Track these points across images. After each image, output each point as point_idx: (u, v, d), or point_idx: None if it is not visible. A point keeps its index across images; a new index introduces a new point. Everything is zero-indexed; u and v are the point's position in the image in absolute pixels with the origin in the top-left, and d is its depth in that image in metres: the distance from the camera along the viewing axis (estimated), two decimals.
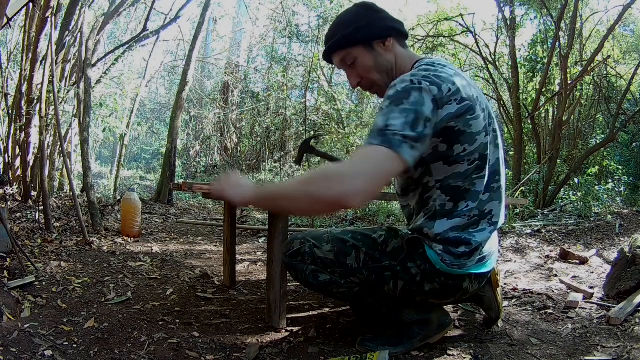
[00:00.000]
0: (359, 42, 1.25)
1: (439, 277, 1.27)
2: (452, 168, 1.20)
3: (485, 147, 1.21)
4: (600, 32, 6.09)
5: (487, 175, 1.24)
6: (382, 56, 1.26)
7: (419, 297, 1.35)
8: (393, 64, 1.27)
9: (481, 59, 5.61)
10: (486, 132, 1.21)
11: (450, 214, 1.24)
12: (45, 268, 2.12)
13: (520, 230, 3.49)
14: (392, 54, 1.27)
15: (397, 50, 1.28)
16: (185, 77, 5.53)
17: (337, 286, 1.36)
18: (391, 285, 1.32)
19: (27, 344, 1.32)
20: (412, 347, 1.42)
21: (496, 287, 1.56)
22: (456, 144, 1.17)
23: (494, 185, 1.27)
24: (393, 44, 1.27)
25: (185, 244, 3.20)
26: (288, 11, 8.15)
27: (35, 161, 3.67)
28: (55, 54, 3.42)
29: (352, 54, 1.27)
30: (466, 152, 1.18)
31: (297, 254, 1.38)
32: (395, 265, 1.30)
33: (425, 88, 1.08)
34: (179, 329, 1.55)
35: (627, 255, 1.97)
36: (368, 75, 1.28)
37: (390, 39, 1.26)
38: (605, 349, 1.45)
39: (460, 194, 1.22)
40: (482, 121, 1.19)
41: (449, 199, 1.23)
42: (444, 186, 1.22)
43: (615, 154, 6.53)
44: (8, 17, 2.32)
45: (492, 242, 1.34)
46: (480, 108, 1.19)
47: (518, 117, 5.07)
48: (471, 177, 1.21)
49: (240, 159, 9.43)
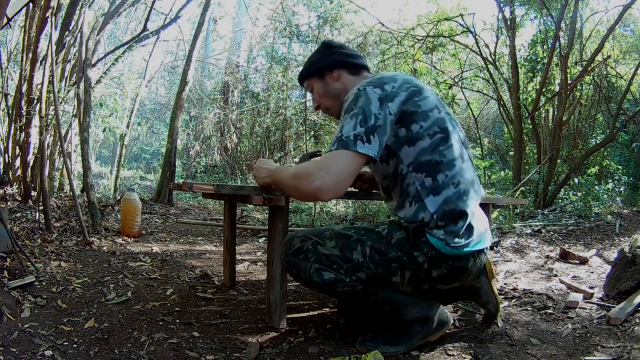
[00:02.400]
0: (313, 74, 1.53)
1: (446, 261, 1.31)
2: (416, 147, 1.31)
3: (443, 121, 1.34)
4: (600, 32, 6.08)
5: (454, 146, 1.34)
6: (330, 85, 1.50)
7: (427, 284, 1.37)
8: (342, 91, 1.48)
9: (481, 59, 5.61)
10: (438, 110, 1.35)
11: (434, 189, 1.30)
12: (45, 268, 2.12)
13: (520, 230, 3.49)
14: (340, 83, 1.50)
15: (346, 79, 1.50)
16: (185, 77, 5.53)
17: (341, 284, 1.35)
18: (398, 276, 1.34)
19: (27, 344, 1.32)
20: (412, 345, 1.43)
21: (491, 277, 1.59)
22: (412, 123, 1.31)
23: (465, 157, 1.38)
24: (341, 74, 1.50)
25: (185, 244, 3.20)
26: (288, 11, 8.15)
27: (35, 161, 3.67)
28: (55, 54, 3.42)
29: (310, 83, 1.55)
30: (424, 128, 1.31)
31: (300, 251, 1.37)
32: (402, 255, 1.33)
33: (369, 91, 1.27)
34: (179, 329, 1.55)
35: (627, 255, 1.97)
36: (322, 101, 1.54)
37: (338, 70, 1.49)
38: (605, 349, 1.45)
39: (434, 167, 1.31)
40: (432, 101, 1.35)
41: (425, 175, 1.31)
42: (415, 166, 1.32)
43: (615, 154, 6.52)
44: (8, 17, 2.32)
45: (483, 219, 1.42)
46: (428, 92, 1.36)
47: (518, 117, 5.07)
48: (438, 148, 1.31)
49: (240, 159, 9.43)
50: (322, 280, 1.35)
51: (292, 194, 1.33)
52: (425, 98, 1.33)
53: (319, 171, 1.19)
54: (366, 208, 4.83)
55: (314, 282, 1.36)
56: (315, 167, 1.21)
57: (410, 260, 1.32)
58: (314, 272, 1.35)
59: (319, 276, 1.35)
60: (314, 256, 1.35)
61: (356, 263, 1.34)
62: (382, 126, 1.24)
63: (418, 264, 1.32)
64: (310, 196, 1.22)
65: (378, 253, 1.34)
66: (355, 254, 1.34)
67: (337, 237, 1.38)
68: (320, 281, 1.35)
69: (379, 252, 1.34)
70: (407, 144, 1.31)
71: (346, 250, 1.35)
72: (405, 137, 1.31)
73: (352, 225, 4.27)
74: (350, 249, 1.35)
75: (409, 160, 1.32)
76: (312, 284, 1.38)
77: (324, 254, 1.35)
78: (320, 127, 8.07)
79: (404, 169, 1.33)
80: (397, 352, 1.41)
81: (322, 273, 1.34)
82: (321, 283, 1.35)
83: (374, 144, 1.22)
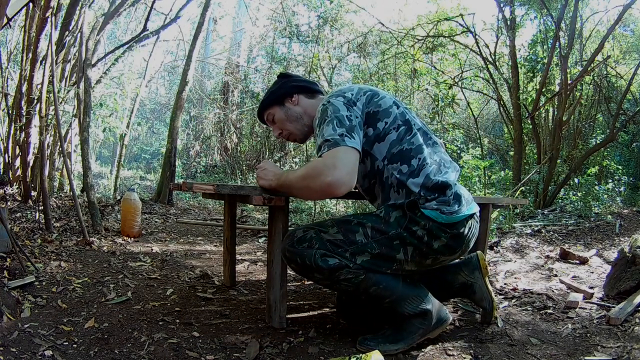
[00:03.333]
0: (273, 102, 1.61)
1: (444, 230, 1.38)
2: (386, 141, 1.43)
3: (403, 115, 1.47)
4: (600, 32, 6.08)
5: (419, 134, 1.46)
6: (291, 109, 1.60)
7: (430, 257, 1.41)
8: (302, 113, 1.60)
9: (481, 59, 5.60)
10: (397, 105, 1.48)
11: (412, 173, 1.40)
12: (45, 268, 2.12)
13: (520, 230, 3.49)
14: (300, 107, 1.60)
15: (304, 102, 1.61)
16: (185, 77, 5.53)
17: (345, 271, 1.36)
18: (402, 253, 1.38)
19: (27, 344, 1.32)
20: (412, 342, 1.43)
21: (485, 274, 1.62)
22: (378, 122, 1.43)
23: (430, 141, 1.49)
24: (299, 98, 1.60)
25: (185, 244, 3.20)
26: (288, 11, 8.15)
27: (35, 161, 3.66)
28: (55, 54, 3.42)
29: (271, 112, 1.63)
30: (388, 124, 1.43)
31: (304, 240, 1.39)
32: (402, 232, 1.38)
33: (333, 101, 1.39)
34: (179, 329, 1.55)
35: (627, 255, 1.97)
36: (284, 126, 1.62)
37: (296, 95, 1.60)
38: (605, 349, 1.45)
39: (406, 155, 1.41)
40: (389, 99, 1.48)
41: (400, 163, 1.41)
42: (389, 158, 1.42)
43: (615, 154, 6.52)
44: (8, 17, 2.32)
45: (465, 190, 1.51)
46: (383, 93, 1.49)
47: (518, 117, 5.07)
48: (405, 138, 1.43)
49: (240, 159, 9.43)
50: (328, 265, 1.36)
51: (304, 194, 1.37)
52: (382, 98, 1.46)
53: (329, 168, 1.24)
54: (366, 208, 4.83)
55: (320, 268, 1.36)
56: (323, 164, 1.26)
57: (411, 234, 1.38)
58: (319, 257, 1.36)
59: (324, 262, 1.36)
60: (318, 243, 1.37)
61: (360, 244, 1.38)
62: (356, 125, 1.35)
63: (418, 237, 1.38)
64: (324, 193, 1.27)
65: (379, 232, 1.39)
66: (358, 236, 1.38)
67: (338, 223, 1.42)
68: (326, 266, 1.35)
69: (379, 231, 1.39)
70: (377, 141, 1.43)
71: (349, 233, 1.39)
72: (374, 135, 1.42)
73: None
74: (352, 232, 1.39)
75: (382, 155, 1.43)
76: (318, 270, 1.36)
77: (328, 240, 1.38)
78: None
79: (379, 164, 1.43)
80: (397, 349, 1.41)
81: (327, 259, 1.36)
82: (326, 269, 1.36)
83: (357, 139, 1.32)
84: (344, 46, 8.42)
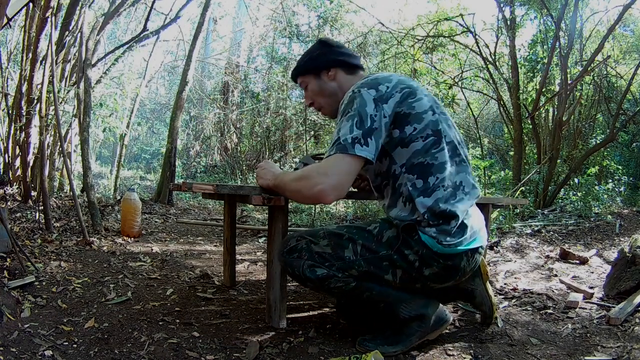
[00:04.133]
0: (309, 71, 1.53)
1: (437, 259, 1.32)
2: (409, 148, 1.33)
3: (436, 124, 1.35)
4: (600, 32, 6.08)
5: (446, 149, 1.35)
6: (326, 84, 1.51)
7: (420, 283, 1.38)
8: (337, 90, 1.50)
9: (481, 59, 5.60)
10: (433, 111, 1.35)
11: (424, 190, 1.32)
12: (45, 268, 2.12)
13: (520, 230, 3.49)
14: (336, 82, 1.50)
15: (341, 79, 1.51)
16: (185, 77, 5.53)
17: (334, 280, 1.36)
18: (390, 274, 1.35)
19: (27, 344, 1.32)
20: (410, 344, 1.43)
21: (486, 280, 1.59)
22: (406, 125, 1.32)
23: (457, 159, 1.39)
24: (337, 73, 1.50)
25: (185, 244, 3.20)
26: (288, 11, 8.15)
27: (35, 161, 3.67)
28: (55, 54, 3.42)
29: (305, 80, 1.55)
30: (417, 130, 1.33)
31: (294, 250, 1.40)
32: (392, 254, 1.34)
33: (364, 93, 1.30)
34: (179, 329, 1.55)
35: (627, 255, 1.97)
36: (316, 98, 1.54)
37: (334, 69, 1.50)
38: (605, 349, 1.45)
39: (426, 170, 1.33)
40: (427, 102, 1.35)
41: (416, 177, 1.33)
42: (408, 167, 1.34)
43: (615, 154, 6.51)
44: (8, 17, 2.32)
45: (478, 218, 1.43)
46: (422, 94, 1.36)
47: (518, 117, 5.07)
48: (430, 151, 1.33)
49: (240, 159, 9.42)
50: (315, 276, 1.36)
51: (295, 197, 1.35)
52: (419, 100, 1.34)
53: (321, 175, 1.23)
54: (366, 208, 4.83)
55: (307, 279, 1.38)
56: (316, 171, 1.26)
57: (401, 258, 1.34)
58: (307, 268, 1.37)
59: (312, 272, 1.36)
60: (307, 254, 1.37)
61: (348, 261, 1.36)
62: (378, 128, 1.27)
63: (409, 262, 1.33)
64: (313, 199, 1.27)
65: (369, 251, 1.36)
66: (347, 252, 1.36)
67: (329, 235, 1.40)
68: (314, 277, 1.36)
69: (369, 250, 1.36)
70: (401, 145, 1.34)
71: (338, 248, 1.37)
72: (398, 138, 1.33)
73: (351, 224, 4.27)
74: (342, 247, 1.37)
75: (402, 161, 1.35)
76: (306, 281, 1.39)
77: (316, 252, 1.37)
78: (320, 127, 8.07)
79: (396, 169, 1.36)
80: (396, 351, 1.41)
81: (315, 269, 1.36)
82: (314, 279, 1.37)
83: (372, 147, 1.25)
84: None
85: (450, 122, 1.42)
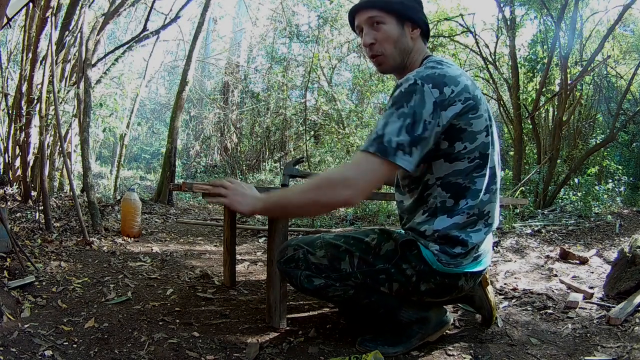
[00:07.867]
0: (396, 13, 1.28)
1: (435, 276, 1.29)
2: (452, 165, 1.23)
3: (486, 147, 1.24)
4: (600, 32, 6.09)
5: (487, 175, 1.26)
6: (405, 37, 1.30)
7: (415, 297, 1.36)
8: (409, 50, 1.32)
9: (481, 59, 5.61)
10: (487, 132, 1.24)
11: (451, 211, 1.25)
12: (45, 268, 2.12)
13: (520, 230, 3.49)
14: (412, 42, 1.32)
15: (419, 43, 1.34)
16: (185, 77, 5.53)
17: (332, 289, 1.35)
18: (386, 287, 1.34)
19: (27, 344, 1.32)
20: (411, 346, 1.43)
21: (486, 285, 1.57)
22: (457, 141, 1.20)
23: (493, 187, 1.30)
24: (418, 36, 1.32)
25: (185, 244, 3.20)
26: (288, 11, 8.16)
27: (35, 161, 3.67)
28: (55, 54, 3.42)
29: (385, 19, 1.28)
30: (467, 150, 1.21)
31: (291, 260, 1.38)
32: (389, 267, 1.31)
33: (427, 91, 1.13)
34: (179, 329, 1.55)
35: (627, 255, 1.97)
36: (385, 43, 1.30)
37: (418, 30, 1.32)
38: (605, 349, 1.45)
39: (460, 192, 1.25)
40: (484, 121, 1.23)
41: (449, 196, 1.25)
42: (444, 183, 1.25)
43: (615, 154, 6.52)
44: (8, 17, 2.32)
45: (487, 242, 1.36)
46: (483, 108, 1.23)
47: (518, 117, 5.07)
48: (471, 174, 1.24)
49: (240, 159, 9.43)
50: (313, 286, 1.35)
51: (311, 209, 1.21)
52: (479, 117, 1.20)
53: (352, 178, 1.10)
54: (366, 208, 4.83)
55: (305, 289, 1.37)
56: (348, 172, 1.13)
57: (399, 272, 1.31)
58: (304, 279, 1.35)
59: (309, 283, 1.35)
60: (304, 264, 1.36)
61: (344, 273, 1.33)
62: (427, 138, 1.13)
63: (406, 277, 1.31)
64: (338, 204, 1.14)
65: (366, 264, 1.33)
66: (343, 264, 1.34)
67: (326, 246, 1.36)
68: (311, 287, 1.35)
69: (366, 263, 1.33)
70: (444, 158, 1.23)
71: (334, 260, 1.34)
72: (445, 152, 1.22)
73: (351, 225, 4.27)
74: (338, 259, 1.34)
75: (439, 174, 1.25)
76: (304, 291, 1.39)
77: (313, 263, 1.35)
78: (320, 127, 8.07)
79: (431, 179, 1.26)
80: (396, 352, 1.41)
81: (312, 279, 1.35)
82: (312, 289, 1.36)
83: (414, 157, 1.12)
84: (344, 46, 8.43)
85: (496, 142, 1.31)
